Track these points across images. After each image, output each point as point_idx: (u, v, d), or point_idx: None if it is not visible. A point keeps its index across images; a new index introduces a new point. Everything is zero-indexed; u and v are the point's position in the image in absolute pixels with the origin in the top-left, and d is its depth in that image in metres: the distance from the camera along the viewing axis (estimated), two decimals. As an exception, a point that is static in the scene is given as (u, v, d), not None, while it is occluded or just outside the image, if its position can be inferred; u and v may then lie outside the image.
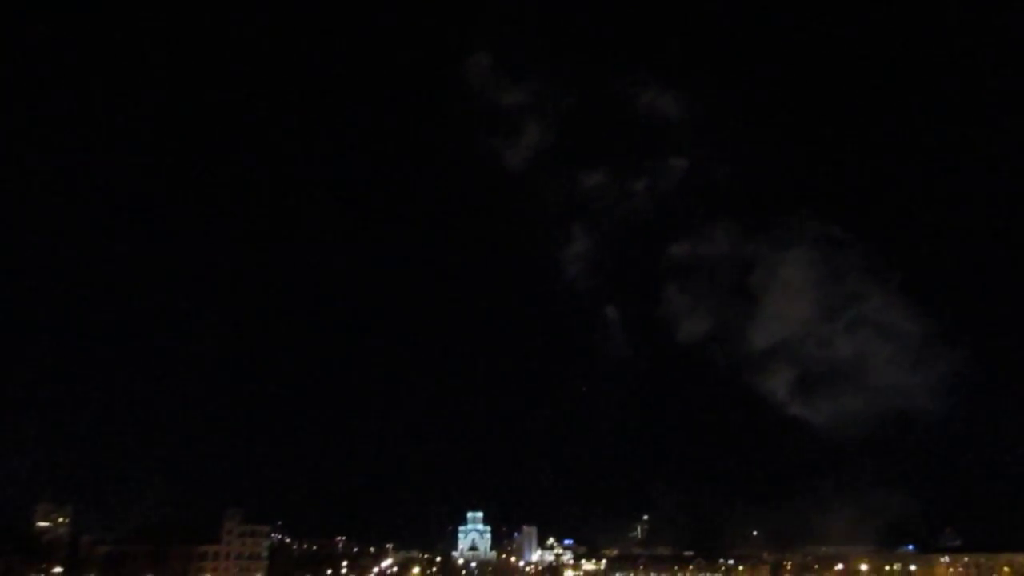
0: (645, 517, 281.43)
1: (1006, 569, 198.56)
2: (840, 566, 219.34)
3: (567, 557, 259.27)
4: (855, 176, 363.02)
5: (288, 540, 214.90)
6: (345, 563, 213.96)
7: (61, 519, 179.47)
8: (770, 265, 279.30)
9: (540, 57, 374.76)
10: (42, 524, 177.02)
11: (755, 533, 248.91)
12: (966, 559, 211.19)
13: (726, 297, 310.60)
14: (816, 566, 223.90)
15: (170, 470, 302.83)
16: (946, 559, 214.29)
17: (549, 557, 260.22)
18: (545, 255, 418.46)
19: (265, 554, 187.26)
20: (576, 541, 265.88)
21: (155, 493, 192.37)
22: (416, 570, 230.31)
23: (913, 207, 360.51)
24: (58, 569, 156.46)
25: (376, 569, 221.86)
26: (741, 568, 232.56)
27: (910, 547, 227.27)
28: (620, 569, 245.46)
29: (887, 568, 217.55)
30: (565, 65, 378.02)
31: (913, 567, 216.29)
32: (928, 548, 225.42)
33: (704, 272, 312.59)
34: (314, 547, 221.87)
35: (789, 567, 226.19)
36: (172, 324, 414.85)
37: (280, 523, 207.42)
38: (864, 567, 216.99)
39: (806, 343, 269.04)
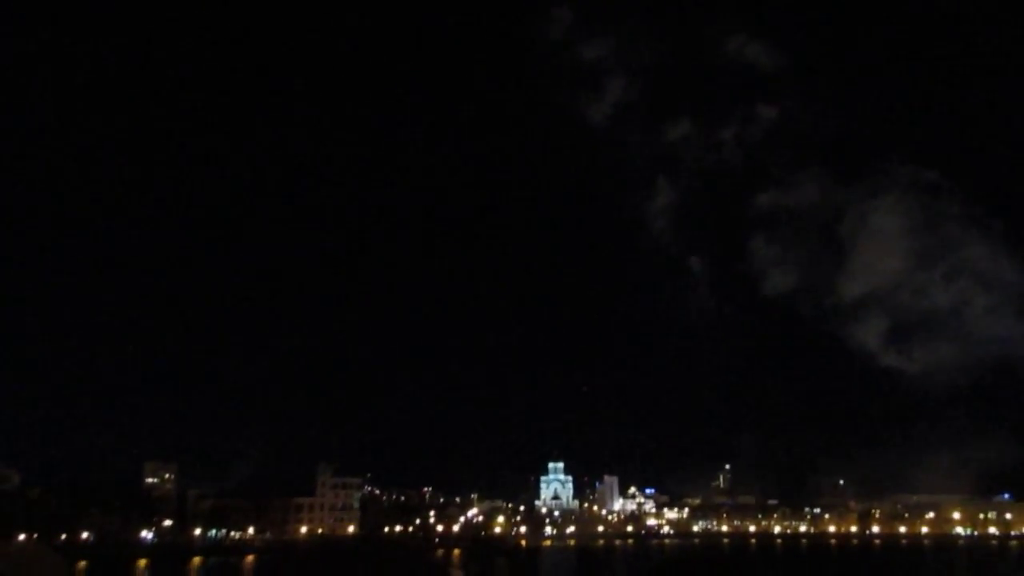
0: (727, 466, 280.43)
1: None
2: (931, 514, 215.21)
3: (649, 506, 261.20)
4: (953, 121, 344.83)
5: (377, 492, 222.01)
6: (432, 513, 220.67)
7: (168, 476, 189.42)
8: (862, 213, 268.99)
9: (624, 8, 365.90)
10: (150, 481, 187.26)
11: (841, 482, 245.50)
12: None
13: (815, 247, 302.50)
14: (906, 515, 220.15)
15: (266, 428, 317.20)
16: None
17: (631, 506, 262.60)
18: (629, 208, 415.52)
19: (357, 505, 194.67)
20: (658, 490, 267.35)
21: (253, 450, 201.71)
22: (501, 519, 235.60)
23: (1015, 153, 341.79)
24: (168, 522, 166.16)
25: (462, 518, 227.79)
26: (827, 516, 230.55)
27: (1005, 496, 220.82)
28: (703, 518, 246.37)
29: (980, 516, 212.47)
30: (650, 15, 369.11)
31: (1008, 515, 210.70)
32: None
33: (792, 222, 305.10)
34: (402, 498, 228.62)
35: (877, 515, 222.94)
36: (266, 293, 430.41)
37: (369, 475, 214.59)
38: (956, 515, 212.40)
39: (900, 293, 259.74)
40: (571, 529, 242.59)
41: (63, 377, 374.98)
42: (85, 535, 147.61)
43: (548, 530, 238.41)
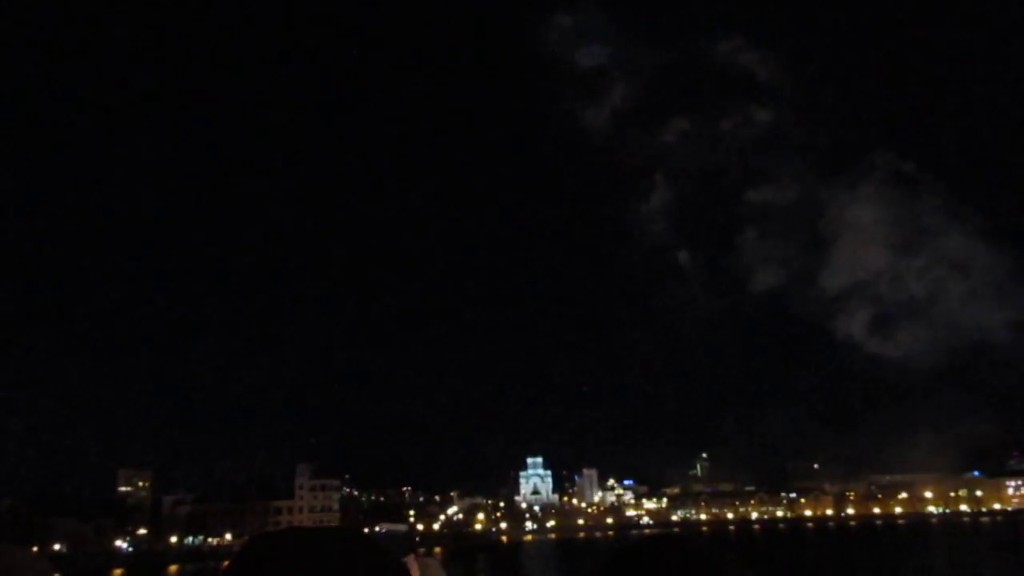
0: (704, 455, 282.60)
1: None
2: (904, 494, 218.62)
3: (628, 497, 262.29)
4: (932, 115, 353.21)
5: (356, 492, 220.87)
6: (412, 512, 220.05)
7: (141, 483, 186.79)
8: (842, 207, 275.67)
9: (620, 17, 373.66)
10: (124, 489, 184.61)
11: (816, 466, 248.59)
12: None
13: (799, 241, 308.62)
14: (880, 495, 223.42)
15: (243, 431, 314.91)
16: (1013, 483, 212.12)
17: (611, 498, 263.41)
18: (620, 205, 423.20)
19: (336, 507, 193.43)
20: (637, 481, 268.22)
21: (230, 453, 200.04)
22: (481, 515, 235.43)
23: (993, 146, 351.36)
24: (143, 531, 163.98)
25: (442, 516, 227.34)
26: (803, 500, 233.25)
27: (976, 473, 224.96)
28: (682, 507, 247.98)
29: (952, 494, 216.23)
30: (645, 24, 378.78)
31: (979, 492, 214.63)
32: (995, 473, 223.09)
33: (776, 218, 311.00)
34: (382, 498, 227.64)
35: (852, 497, 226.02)
36: (242, 296, 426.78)
37: (348, 476, 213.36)
38: (928, 494, 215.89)
39: (880, 283, 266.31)
40: (552, 523, 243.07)
41: (32, 385, 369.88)
42: (57, 546, 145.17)
43: (529, 525, 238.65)
